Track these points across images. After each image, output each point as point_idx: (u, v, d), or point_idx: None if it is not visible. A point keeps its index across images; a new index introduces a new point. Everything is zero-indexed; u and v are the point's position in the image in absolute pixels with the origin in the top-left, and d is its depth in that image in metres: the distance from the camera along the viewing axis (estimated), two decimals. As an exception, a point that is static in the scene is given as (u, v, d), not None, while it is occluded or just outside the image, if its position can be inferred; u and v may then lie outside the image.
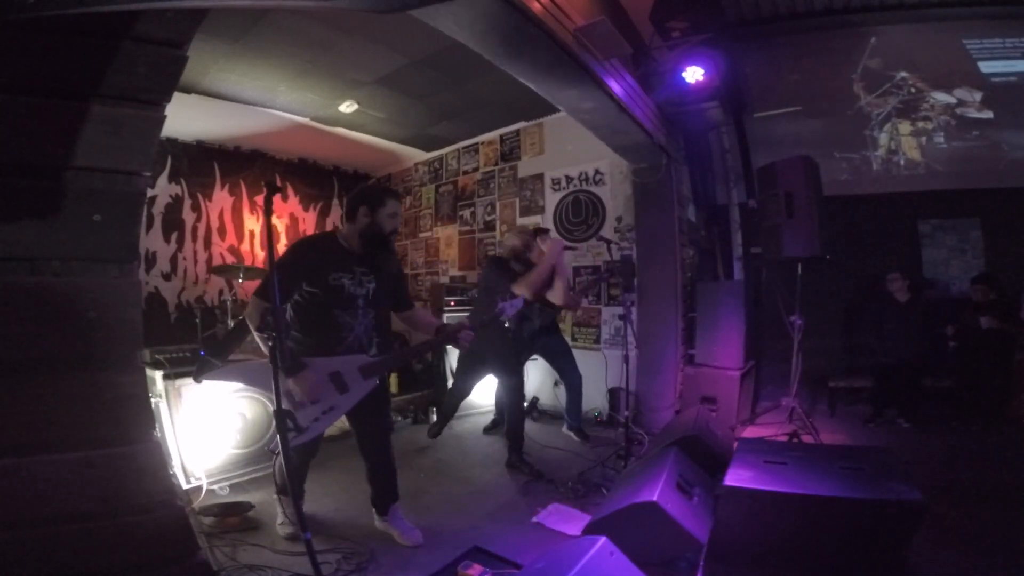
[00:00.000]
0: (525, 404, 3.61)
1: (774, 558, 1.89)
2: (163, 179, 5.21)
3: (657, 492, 1.99)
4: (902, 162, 4.79)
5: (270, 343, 1.65)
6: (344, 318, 2.10)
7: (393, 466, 2.42)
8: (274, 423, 1.92)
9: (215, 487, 2.80)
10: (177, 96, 1.70)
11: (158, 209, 5.20)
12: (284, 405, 1.92)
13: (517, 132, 5.45)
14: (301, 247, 2.18)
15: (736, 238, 5.03)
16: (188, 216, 5.43)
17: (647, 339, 4.32)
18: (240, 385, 2.86)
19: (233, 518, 2.47)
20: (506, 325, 2.44)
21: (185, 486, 2.69)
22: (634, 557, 1.62)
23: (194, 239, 5.47)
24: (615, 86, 3.23)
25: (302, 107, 4.73)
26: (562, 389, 4.09)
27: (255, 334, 2.01)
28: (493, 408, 4.23)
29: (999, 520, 2.38)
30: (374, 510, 2.45)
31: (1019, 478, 2.87)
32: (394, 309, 2.35)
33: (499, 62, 2.78)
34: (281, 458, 2.21)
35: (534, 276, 3.15)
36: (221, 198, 5.68)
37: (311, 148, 6.04)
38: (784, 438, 3.32)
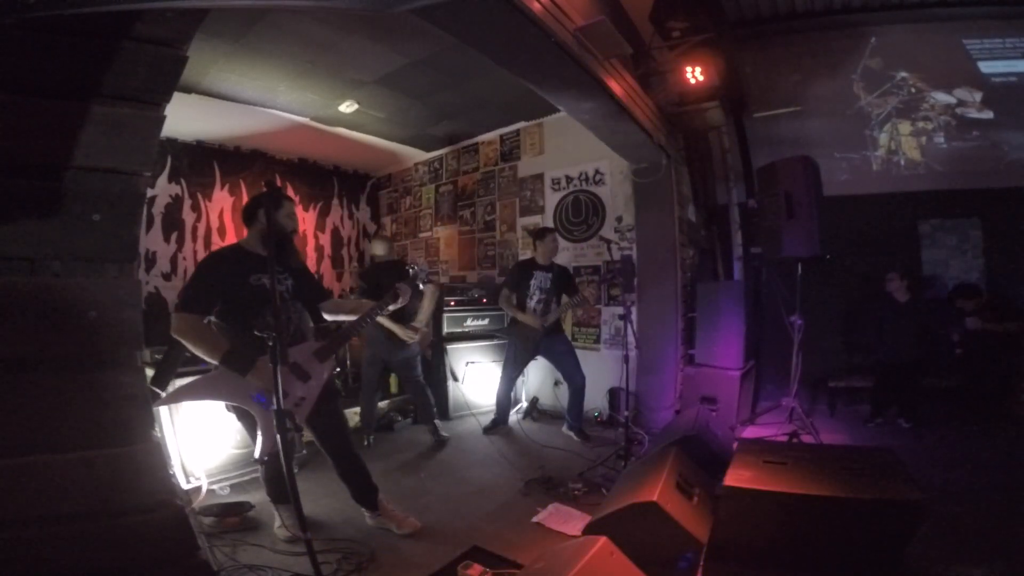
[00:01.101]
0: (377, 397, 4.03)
1: (774, 558, 1.89)
2: (163, 179, 5.21)
3: (657, 492, 1.99)
4: (902, 162, 4.79)
5: (271, 343, 1.65)
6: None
7: (361, 458, 2.46)
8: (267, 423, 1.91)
9: (215, 487, 2.80)
10: (177, 96, 1.70)
11: (158, 209, 5.19)
12: (251, 410, 1.97)
13: (517, 132, 5.45)
14: (212, 259, 2.22)
15: (736, 238, 5.02)
16: (188, 216, 5.43)
17: (647, 339, 4.32)
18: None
19: (233, 518, 2.48)
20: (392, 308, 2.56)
21: (185, 486, 2.69)
22: (634, 557, 1.63)
23: (194, 239, 5.47)
24: (615, 86, 3.23)
25: (302, 107, 4.73)
26: (562, 389, 4.09)
27: (193, 346, 1.99)
28: (494, 408, 4.23)
29: (999, 520, 2.38)
30: (363, 509, 2.47)
31: (1019, 478, 2.87)
32: (316, 302, 2.40)
33: (499, 63, 2.77)
34: (268, 466, 2.26)
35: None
36: (221, 198, 5.68)
37: (311, 148, 6.03)
38: (784, 438, 3.31)
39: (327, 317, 2.47)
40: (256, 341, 1.88)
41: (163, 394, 2.49)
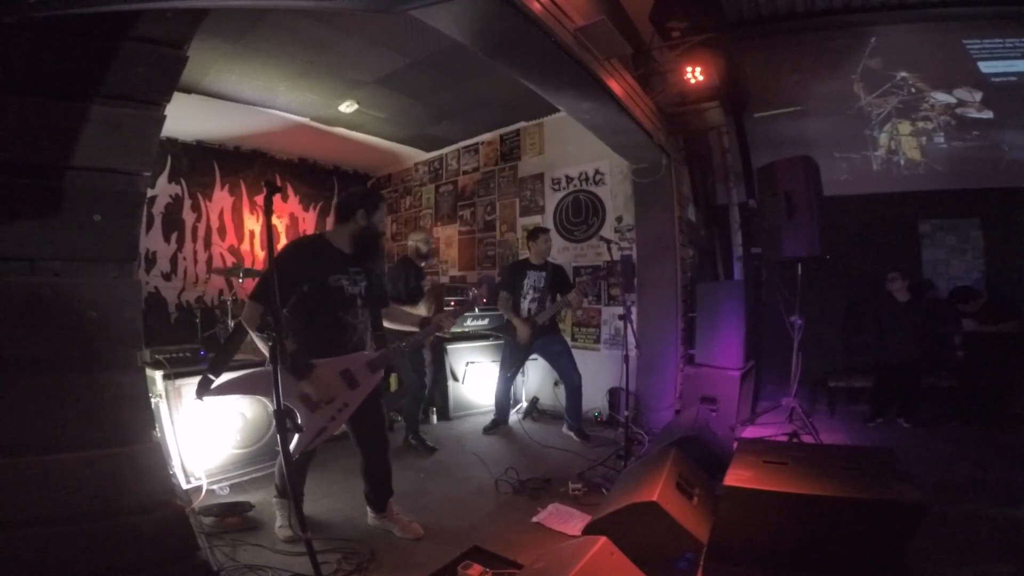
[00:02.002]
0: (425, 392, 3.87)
1: (774, 558, 1.89)
2: (163, 179, 5.21)
3: (657, 492, 1.99)
4: (902, 162, 4.79)
5: (270, 343, 1.65)
6: (347, 319, 2.17)
7: (390, 461, 2.46)
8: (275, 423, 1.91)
9: (215, 487, 2.80)
10: (177, 96, 1.71)
11: (158, 209, 5.20)
12: (295, 407, 2.00)
13: (517, 132, 5.45)
14: (297, 249, 2.20)
15: (736, 238, 5.03)
16: (188, 216, 5.43)
17: (647, 339, 4.32)
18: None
19: (233, 518, 2.47)
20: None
21: (185, 486, 2.69)
22: (634, 557, 1.63)
23: (194, 239, 5.47)
24: (615, 86, 3.23)
25: (302, 107, 4.73)
26: (562, 389, 4.09)
27: (255, 336, 2.05)
28: (493, 408, 4.23)
29: (999, 520, 2.38)
30: (369, 507, 2.47)
31: (1019, 477, 2.88)
32: (379, 308, 2.40)
33: (499, 63, 2.78)
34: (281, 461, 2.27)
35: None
36: (221, 198, 5.68)
37: (311, 148, 6.03)
38: (784, 438, 3.32)
39: (386, 324, 2.43)
40: (323, 340, 1.96)
41: (215, 380, 2.46)
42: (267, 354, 1.90)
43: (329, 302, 2.09)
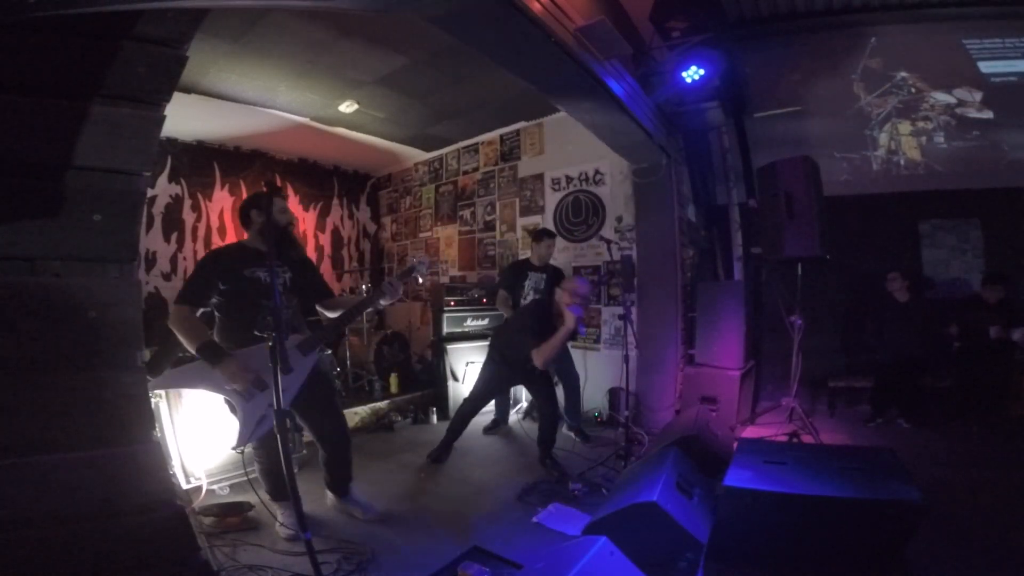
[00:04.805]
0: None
1: (774, 558, 1.89)
2: (163, 179, 5.21)
3: (657, 492, 1.99)
4: (902, 162, 4.79)
5: (270, 344, 1.65)
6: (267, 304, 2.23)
7: (350, 454, 2.58)
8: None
9: (215, 487, 2.80)
10: (177, 96, 1.71)
11: (158, 209, 5.19)
12: (231, 399, 2.08)
13: (517, 132, 5.45)
14: (211, 255, 2.34)
15: (736, 238, 5.02)
16: (188, 216, 5.43)
17: (647, 339, 4.32)
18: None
19: (233, 518, 2.47)
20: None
21: (185, 486, 2.69)
22: (634, 557, 1.62)
23: (194, 239, 5.47)
24: (615, 86, 3.23)
25: (302, 107, 4.73)
26: (561, 389, 4.09)
27: (181, 337, 2.10)
28: (493, 408, 4.23)
29: (999, 520, 2.38)
30: (330, 492, 2.61)
31: (1019, 477, 2.87)
32: (317, 300, 2.46)
33: (499, 63, 2.78)
34: (260, 464, 2.39)
35: (549, 348, 2.99)
36: (221, 198, 5.68)
37: (311, 148, 6.03)
38: (784, 438, 3.32)
39: (328, 315, 2.50)
40: (246, 328, 1.92)
41: (152, 377, 2.55)
42: (190, 349, 2.07)
43: (249, 292, 2.17)
